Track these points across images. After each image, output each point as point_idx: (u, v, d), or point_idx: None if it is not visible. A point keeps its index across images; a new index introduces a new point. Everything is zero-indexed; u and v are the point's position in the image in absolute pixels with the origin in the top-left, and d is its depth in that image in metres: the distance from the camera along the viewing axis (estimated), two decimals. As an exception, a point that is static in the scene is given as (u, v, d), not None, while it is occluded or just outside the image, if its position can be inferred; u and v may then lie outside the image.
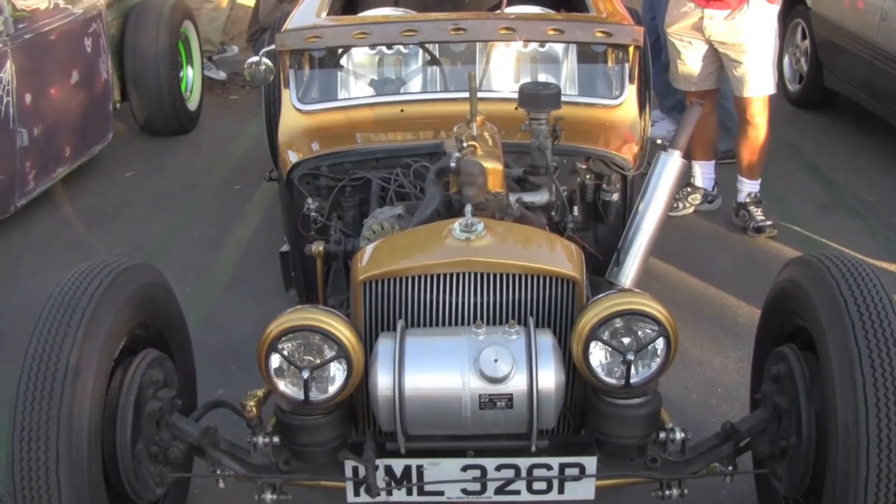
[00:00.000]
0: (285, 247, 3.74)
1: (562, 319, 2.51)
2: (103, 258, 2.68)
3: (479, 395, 2.32)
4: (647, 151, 3.90)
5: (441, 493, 2.49)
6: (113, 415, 2.46)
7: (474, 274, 2.47)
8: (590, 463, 2.47)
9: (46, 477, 2.29)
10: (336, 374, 2.41)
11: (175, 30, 6.56)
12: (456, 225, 2.55)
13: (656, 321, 2.38)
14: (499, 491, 2.48)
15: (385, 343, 2.39)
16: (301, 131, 3.71)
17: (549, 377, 2.33)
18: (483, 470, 2.46)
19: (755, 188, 5.02)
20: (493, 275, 2.47)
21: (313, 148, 3.59)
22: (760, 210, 4.99)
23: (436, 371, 2.35)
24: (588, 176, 3.48)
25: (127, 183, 5.93)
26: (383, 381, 2.34)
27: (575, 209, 3.38)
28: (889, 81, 5.65)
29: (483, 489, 2.48)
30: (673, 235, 4.87)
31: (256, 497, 2.56)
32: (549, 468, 2.46)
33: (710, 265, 4.70)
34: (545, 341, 2.37)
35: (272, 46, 3.75)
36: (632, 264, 3.30)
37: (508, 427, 2.40)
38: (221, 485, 2.63)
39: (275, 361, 2.40)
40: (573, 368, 2.49)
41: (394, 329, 2.43)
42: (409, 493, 2.49)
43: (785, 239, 4.94)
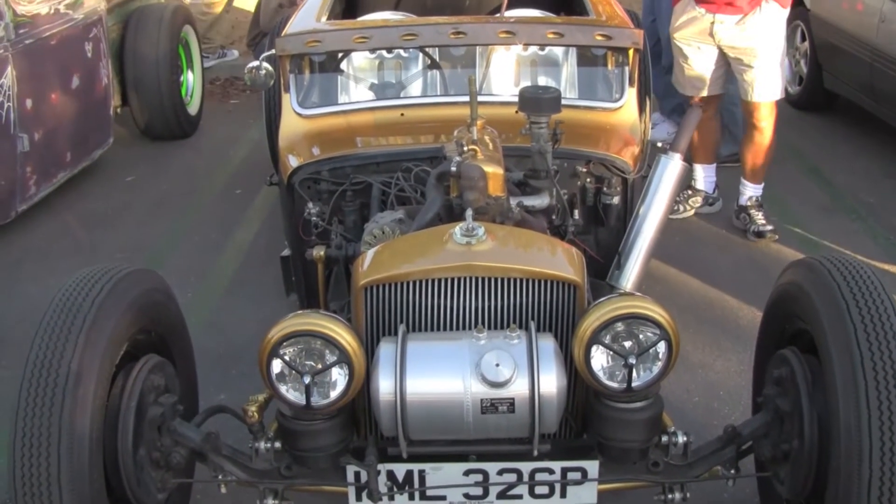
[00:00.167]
0: (286, 251, 3.74)
1: (563, 323, 2.51)
2: (104, 264, 2.68)
3: (481, 400, 2.32)
4: (648, 154, 3.90)
5: (443, 498, 2.48)
6: (114, 420, 2.46)
7: (475, 278, 2.47)
8: (592, 467, 2.47)
9: (48, 483, 2.29)
10: (338, 379, 2.40)
11: (175, 34, 6.57)
12: (457, 229, 2.55)
13: (658, 325, 2.37)
14: (501, 495, 2.48)
15: (386, 348, 2.39)
16: (301, 136, 3.72)
17: (551, 381, 2.33)
18: (485, 474, 2.46)
19: (757, 192, 5.01)
20: (495, 279, 2.47)
21: (314, 152, 3.59)
22: (762, 214, 4.98)
23: (437, 376, 2.35)
24: (589, 179, 3.48)
25: (128, 187, 5.94)
26: (385, 386, 2.34)
27: (576, 213, 3.38)
28: (889, 83, 5.65)
29: (485, 493, 2.47)
30: (674, 238, 4.87)
31: (258, 502, 2.55)
32: (552, 472, 2.46)
33: (712, 268, 4.70)
34: (547, 345, 2.37)
35: (272, 51, 3.76)
36: (633, 267, 3.29)
37: (510, 431, 2.40)
38: (223, 490, 2.62)
39: (276, 366, 2.39)
40: (575, 372, 2.48)
41: (395, 334, 2.43)
42: (412, 498, 2.48)
43: (786, 241, 4.94)
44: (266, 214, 5.41)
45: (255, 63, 3.70)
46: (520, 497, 2.48)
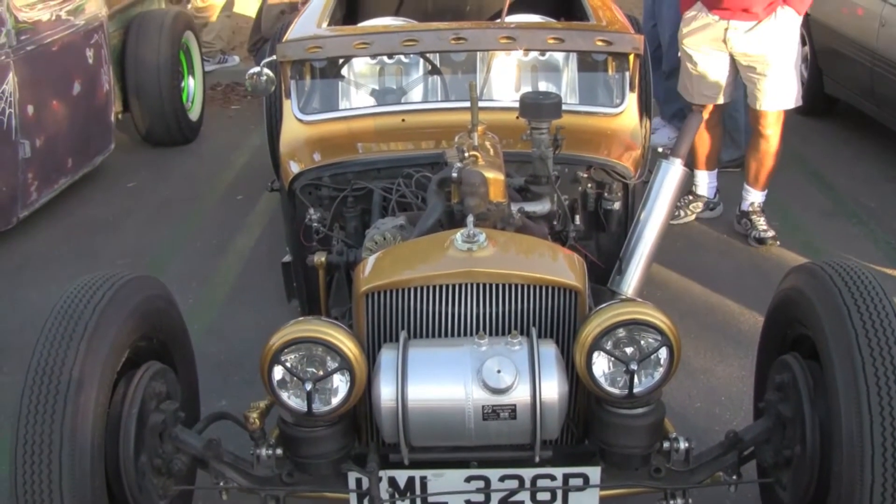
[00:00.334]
0: (287, 257, 3.74)
1: (564, 329, 2.51)
2: (106, 270, 2.68)
3: (483, 406, 2.32)
4: (649, 160, 3.90)
5: (445, 504, 2.48)
6: (116, 427, 2.46)
7: (477, 284, 2.47)
8: (593, 473, 2.47)
9: (49, 490, 2.28)
10: (339, 386, 2.40)
11: (176, 40, 6.58)
12: (458, 235, 2.55)
13: (659, 331, 2.37)
14: (502, 502, 2.47)
15: (388, 354, 2.39)
16: (302, 142, 3.72)
17: (553, 387, 2.33)
18: (487, 481, 2.46)
19: (760, 198, 4.98)
20: (496, 285, 2.47)
21: (315, 158, 3.59)
22: (763, 220, 4.97)
23: (439, 382, 2.35)
24: (589, 185, 3.48)
25: (129, 193, 5.94)
26: (386, 393, 2.34)
27: (577, 218, 3.38)
28: (889, 87, 5.65)
29: (487, 500, 2.47)
30: (675, 243, 4.88)
31: (260, 509, 2.55)
32: (553, 478, 2.45)
33: (713, 273, 4.70)
34: (548, 351, 2.37)
35: (273, 57, 3.76)
36: (634, 273, 3.30)
37: (512, 438, 2.39)
38: (225, 497, 2.62)
39: (278, 373, 2.39)
40: (576, 378, 2.48)
41: (396, 340, 2.43)
42: (413, 505, 2.49)
43: (787, 245, 4.94)
44: (267, 220, 5.41)
45: (257, 69, 3.71)
46: (521, 503, 2.48)
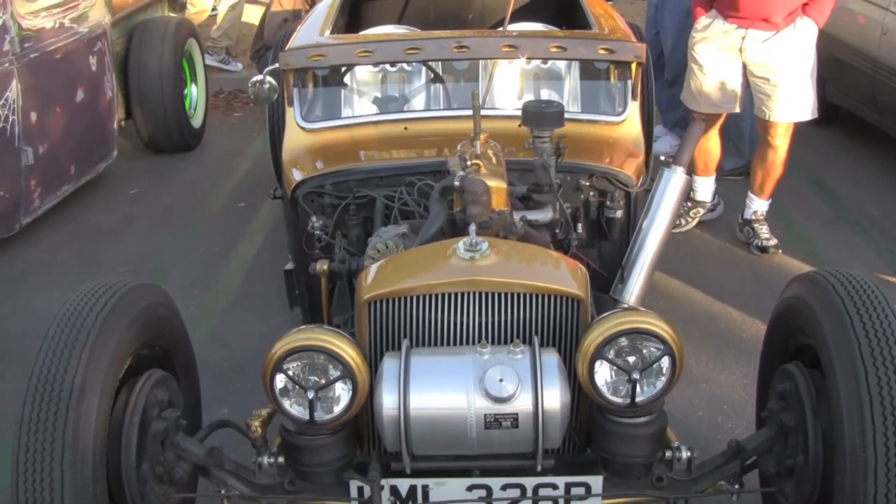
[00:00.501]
0: (289, 265, 3.74)
1: (567, 338, 2.51)
2: (108, 278, 2.68)
3: (485, 415, 2.32)
4: (651, 168, 3.90)
5: (447, 513, 2.48)
6: (118, 435, 2.46)
7: (479, 293, 2.47)
8: (596, 482, 2.46)
9: (51, 499, 2.28)
10: (341, 395, 2.40)
11: (179, 48, 6.59)
12: (460, 244, 2.55)
13: (661, 340, 2.37)
14: (504, 510, 2.47)
15: (390, 363, 2.39)
16: (305, 149, 3.72)
17: (555, 396, 2.32)
18: (489, 490, 2.45)
19: (764, 207, 4.97)
20: (498, 294, 2.47)
21: (317, 166, 3.60)
22: (766, 228, 4.96)
23: (441, 391, 2.34)
24: (592, 193, 3.48)
25: (131, 200, 5.95)
26: (388, 401, 2.34)
27: (579, 226, 3.38)
28: (891, 95, 5.66)
29: (489, 509, 2.47)
30: (677, 251, 4.87)
31: (261, 517, 2.55)
32: (555, 487, 2.45)
33: (715, 281, 4.70)
34: (550, 360, 2.37)
35: (276, 65, 3.77)
36: (636, 281, 3.29)
37: (514, 447, 2.39)
38: (226, 505, 2.62)
39: (280, 381, 2.39)
40: (578, 387, 2.48)
41: (398, 349, 2.43)
42: (415, 513, 2.48)
43: (789, 253, 4.93)
44: (269, 228, 5.41)
45: (259, 77, 3.71)
46: (523, 512, 2.48)
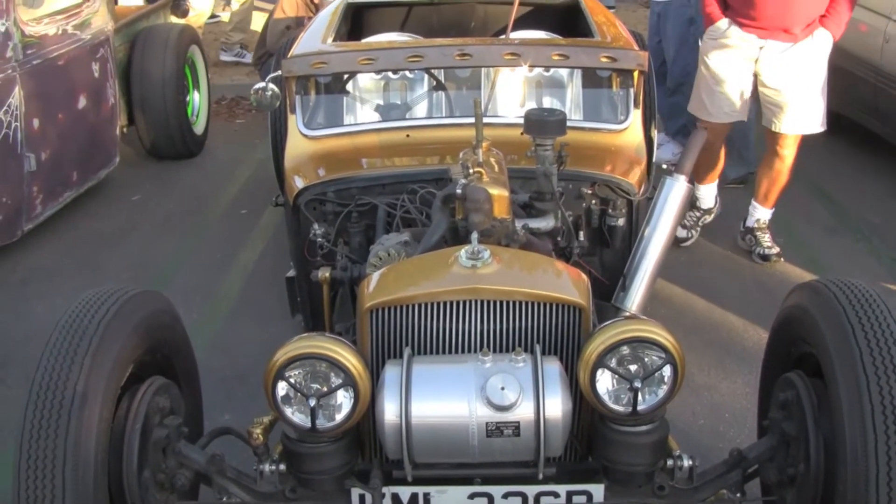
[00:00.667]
0: (291, 272, 3.74)
1: (568, 346, 2.50)
2: (110, 285, 2.68)
3: (486, 423, 2.31)
4: (653, 176, 3.91)
5: (448, 521, 2.47)
6: (119, 442, 2.46)
7: (481, 301, 2.47)
8: (597, 490, 2.46)
9: (53, 505, 2.28)
10: (343, 402, 2.40)
11: (182, 54, 6.61)
12: (462, 252, 2.55)
13: (663, 348, 2.37)
14: (506, 518, 2.47)
15: (392, 371, 2.39)
16: (307, 157, 3.73)
17: (556, 405, 2.32)
18: (490, 498, 2.45)
19: (766, 216, 4.96)
20: (500, 302, 2.47)
21: (319, 173, 3.60)
22: (768, 236, 4.96)
23: (442, 399, 2.34)
24: (594, 201, 3.48)
25: (133, 207, 5.96)
26: (390, 409, 2.34)
27: (581, 234, 3.39)
28: (893, 104, 5.66)
29: (490, 517, 2.47)
30: (679, 259, 4.88)
31: (263, 525, 2.55)
32: (557, 496, 2.45)
33: (717, 289, 4.70)
34: (552, 369, 2.36)
35: (279, 72, 3.78)
36: (638, 289, 3.30)
37: (516, 455, 2.39)
38: (228, 512, 2.62)
39: (281, 389, 2.39)
40: (580, 396, 2.48)
41: (400, 357, 2.43)
42: (417, 521, 2.48)
43: (791, 261, 4.94)
44: (271, 235, 5.42)
45: (262, 84, 3.71)
46: (525, 520, 2.48)
